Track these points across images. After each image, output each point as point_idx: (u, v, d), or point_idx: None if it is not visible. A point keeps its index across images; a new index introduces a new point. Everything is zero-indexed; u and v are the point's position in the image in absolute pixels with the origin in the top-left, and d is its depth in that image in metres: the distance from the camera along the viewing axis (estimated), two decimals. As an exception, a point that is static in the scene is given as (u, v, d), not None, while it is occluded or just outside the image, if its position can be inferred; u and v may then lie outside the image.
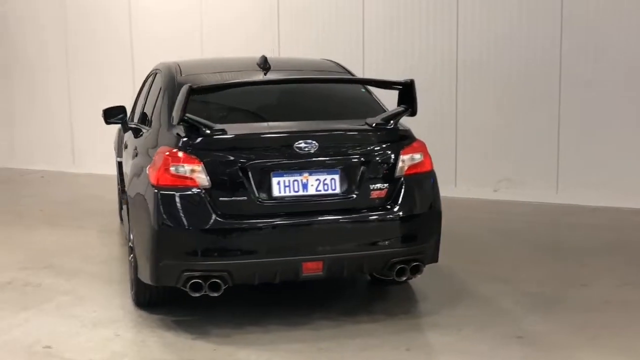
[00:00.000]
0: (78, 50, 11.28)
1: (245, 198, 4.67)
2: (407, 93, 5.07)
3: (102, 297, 5.61)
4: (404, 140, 5.01)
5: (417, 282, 5.74)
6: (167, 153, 4.70)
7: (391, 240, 4.89)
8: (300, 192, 4.76)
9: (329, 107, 5.50)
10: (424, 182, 5.05)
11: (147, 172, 4.83)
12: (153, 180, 4.71)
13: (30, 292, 5.82)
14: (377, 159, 4.90)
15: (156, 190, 4.68)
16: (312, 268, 4.74)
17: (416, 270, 4.98)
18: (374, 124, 4.98)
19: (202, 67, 5.89)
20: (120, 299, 5.51)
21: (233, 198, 4.67)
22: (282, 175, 4.73)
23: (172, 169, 4.65)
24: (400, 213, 4.88)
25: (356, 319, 5.07)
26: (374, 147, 4.91)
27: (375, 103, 5.43)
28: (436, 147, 8.93)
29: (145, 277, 4.83)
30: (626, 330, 4.84)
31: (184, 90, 4.67)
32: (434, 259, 5.17)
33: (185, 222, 4.62)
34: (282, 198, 4.73)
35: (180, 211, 4.63)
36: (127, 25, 10.86)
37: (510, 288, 5.68)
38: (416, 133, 5.13)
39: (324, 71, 5.85)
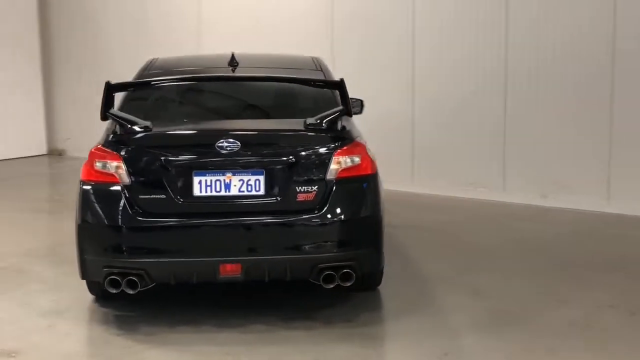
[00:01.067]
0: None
1: (164, 196, 4.64)
2: (341, 93, 4.85)
3: (73, 288, 5.70)
4: (338, 141, 4.79)
5: (386, 289, 5.52)
6: (94, 149, 4.75)
7: (317, 245, 4.71)
8: (222, 193, 4.67)
9: (273, 106, 5.37)
10: (359, 186, 4.82)
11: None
12: (81, 176, 4.78)
13: (13, 278, 6.03)
14: (307, 160, 4.72)
15: (81, 186, 4.74)
16: (229, 270, 4.64)
17: (347, 278, 4.75)
18: (306, 124, 4.80)
19: (175, 63, 5.90)
20: (86, 291, 5.60)
21: (153, 196, 4.65)
22: (203, 175, 4.66)
23: (96, 165, 4.70)
24: (328, 217, 4.68)
25: (291, 325, 4.91)
26: (303, 148, 4.74)
27: (334, 103, 5.22)
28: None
29: (78, 272, 4.90)
30: (569, 356, 4.41)
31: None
32: (374, 267, 4.93)
33: (105, 219, 4.66)
34: (203, 198, 4.66)
35: (101, 207, 4.67)
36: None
37: (479, 303, 5.32)
38: (465, 138, 4.87)
39: (292, 69, 5.69)
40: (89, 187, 4.71)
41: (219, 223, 4.63)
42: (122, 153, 4.66)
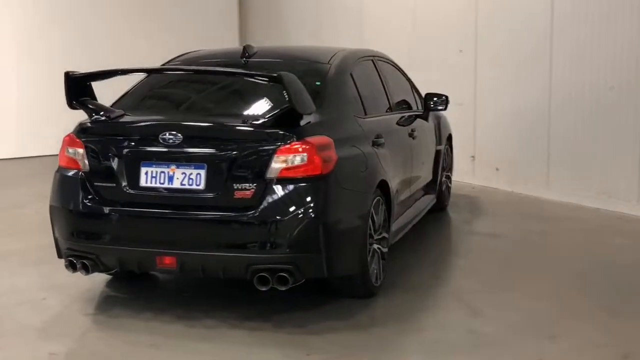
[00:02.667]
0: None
1: (115, 185, 4.78)
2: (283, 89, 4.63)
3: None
4: (282, 139, 4.58)
5: (381, 299, 5.22)
6: (66, 136, 5.02)
7: (253, 245, 4.56)
8: (166, 185, 4.70)
9: (236, 101, 5.24)
10: (303, 186, 4.57)
11: None
12: (58, 161, 5.09)
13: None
14: (248, 157, 4.59)
15: (56, 171, 5.04)
16: (166, 263, 4.67)
17: (282, 282, 4.55)
18: (251, 120, 4.67)
19: (196, 55, 5.99)
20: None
21: (105, 184, 4.81)
22: (150, 166, 4.73)
23: (66, 151, 4.97)
24: (265, 217, 4.52)
25: (241, 324, 4.79)
26: (245, 145, 4.60)
27: (322, 99, 5.02)
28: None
29: None
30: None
31: None
32: (317, 273, 4.66)
33: (65, 203, 4.91)
34: (148, 189, 4.72)
35: (65, 192, 4.93)
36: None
37: (467, 325, 4.81)
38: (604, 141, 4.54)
39: (295, 60, 5.54)
40: (60, 172, 4.99)
41: (158, 215, 4.67)
42: (84, 141, 4.87)
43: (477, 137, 9.30)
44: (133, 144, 4.77)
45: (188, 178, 4.65)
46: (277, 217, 4.51)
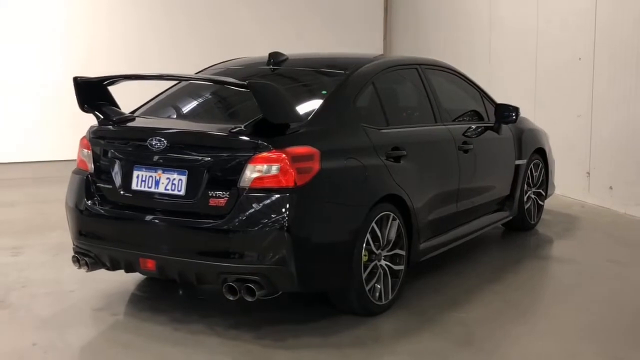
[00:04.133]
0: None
1: (111, 187, 4.95)
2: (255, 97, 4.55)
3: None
4: (256, 148, 4.51)
5: (384, 317, 5.03)
6: (81, 138, 5.28)
7: (222, 254, 4.54)
8: (152, 189, 4.80)
9: (229, 109, 5.21)
10: (273, 197, 4.47)
11: None
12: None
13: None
14: (223, 165, 4.57)
15: (72, 170, 5.32)
16: (147, 265, 4.77)
17: (249, 293, 4.50)
18: (229, 128, 4.65)
19: (235, 61, 6.04)
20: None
21: (104, 185, 4.99)
22: (141, 170, 4.85)
23: (81, 152, 5.22)
24: (233, 226, 4.49)
25: (229, 335, 4.78)
26: (221, 153, 4.59)
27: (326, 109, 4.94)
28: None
29: None
30: None
31: None
32: (287, 286, 4.56)
33: (74, 202, 5.15)
34: (137, 192, 4.85)
35: (74, 191, 5.18)
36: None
37: (438, 351, 4.53)
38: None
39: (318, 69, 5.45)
40: (74, 172, 5.25)
41: (142, 218, 4.77)
42: (92, 143, 5.09)
43: (592, 152, 8.59)
44: (128, 148, 4.91)
45: (171, 183, 4.71)
46: (246, 227, 4.46)
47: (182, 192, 4.67)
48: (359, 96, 5.20)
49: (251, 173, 4.47)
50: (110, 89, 5.22)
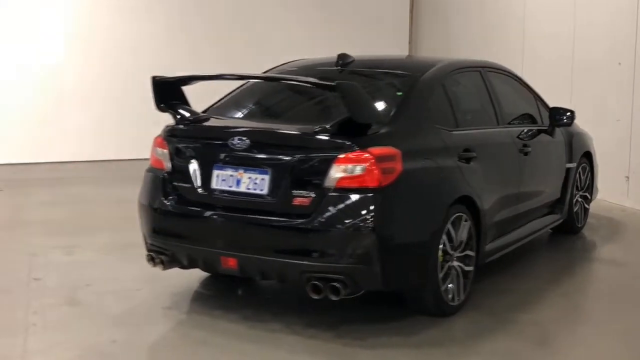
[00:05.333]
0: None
1: (190, 186, 4.97)
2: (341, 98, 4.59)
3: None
4: (342, 148, 4.55)
5: (457, 317, 5.06)
6: (156, 137, 5.30)
7: (307, 252, 4.57)
8: (233, 188, 4.82)
9: (309, 109, 5.24)
10: (359, 196, 4.51)
11: None
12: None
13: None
14: (308, 164, 4.61)
15: (146, 169, 5.34)
16: (229, 264, 4.80)
17: (335, 292, 4.53)
18: (314, 128, 4.68)
19: (300, 62, 6.07)
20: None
21: (182, 184, 5.02)
22: (221, 169, 4.87)
23: (155, 151, 5.24)
24: (321, 225, 4.52)
25: (296, 330, 4.82)
26: (306, 152, 4.63)
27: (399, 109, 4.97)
28: None
29: None
30: None
31: None
32: (372, 285, 4.59)
33: (149, 200, 5.17)
34: (217, 191, 4.87)
35: (149, 190, 5.21)
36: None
37: (516, 351, 4.57)
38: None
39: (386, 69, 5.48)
40: (149, 171, 5.27)
41: (225, 217, 4.79)
42: (169, 142, 5.11)
43: (632, 156, 8.64)
44: (208, 147, 4.94)
45: (253, 183, 4.74)
46: (332, 227, 4.49)
47: (265, 192, 4.69)
48: (432, 98, 5.25)
49: (337, 173, 4.51)
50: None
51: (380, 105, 5.05)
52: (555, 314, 5.25)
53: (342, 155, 4.51)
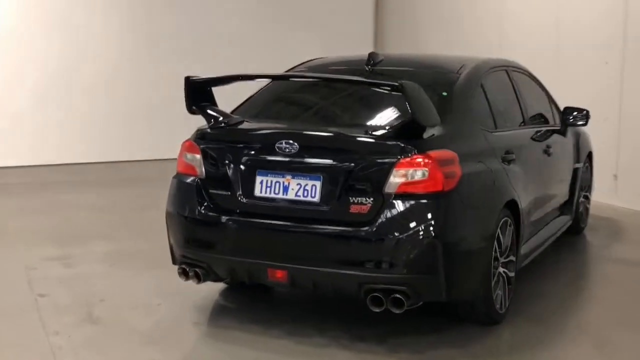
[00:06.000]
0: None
1: (229, 193, 4.65)
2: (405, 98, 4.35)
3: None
4: (402, 152, 4.31)
5: (505, 326, 4.88)
6: (185, 141, 4.95)
7: (366, 263, 4.31)
8: (280, 195, 4.53)
9: (355, 110, 5.01)
10: (422, 203, 4.28)
11: None
12: (177, 166, 5.02)
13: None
14: (365, 170, 4.35)
15: (173, 176, 4.98)
16: (277, 276, 4.50)
17: (397, 304, 4.28)
18: (370, 131, 4.42)
19: (321, 62, 5.81)
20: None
21: (220, 192, 4.69)
22: (266, 175, 4.57)
23: (185, 157, 4.89)
24: (381, 234, 4.27)
25: (349, 345, 4.57)
26: (363, 157, 4.37)
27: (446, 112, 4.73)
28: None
29: None
30: None
31: None
32: (435, 296, 4.37)
33: (181, 209, 4.82)
34: (262, 198, 4.57)
35: (180, 198, 4.85)
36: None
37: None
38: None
39: (422, 69, 5.25)
40: (177, 178, 4.92)
41: (271, 226, 4.50)
42: (202, 147, 4.77)
43: (620, 155, 8.66)
44: (249, 151, 4.63)
45: (303, 189, 4.46)
46: (394, 235, 4.25)
47: (317, 199, 4.42)
48: (474, 98, 5.07)
49: (398, 178, 4.27)
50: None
51: None
52: (601, 317, 5.13)
53: (403, 160, 4.27)
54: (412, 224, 4.25)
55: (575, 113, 6.50)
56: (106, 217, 7.87)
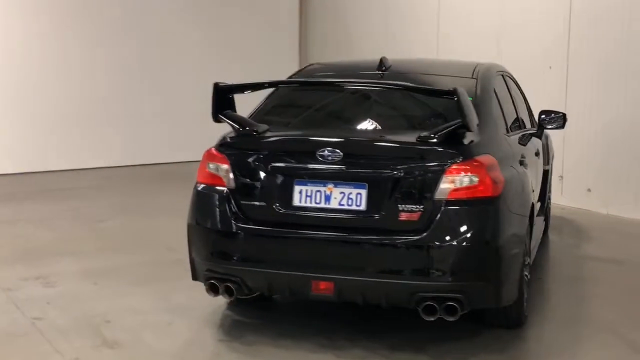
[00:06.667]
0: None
1: (264, 204, 4.46)
2: (456, 104, 4.31)
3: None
4: (451, 158, 4.26)
5: (531, 330, 4.90)
6: (207, 151, 4.72)
7: (418, 271, 4.23)
8: (322, 205, 4.38)
9: (392, 116, 4.94)
10: (474, 209, 4.25)
11: None
12: (197, 177, 4.77)
13: (175, 271, 6.05)
14: (414, 176, 4.27)
15: (195, 187, 4.73)
16: (322, 288, 4.35)
17: (451, 312, 4.22)
18: (417, 137, 4.35)
19: (326, 68, 5.69)
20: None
21: (254, 202, 4.49)
22: (305, 184, 4.41)
23: (209, 166, 4.66)
24: (434, 241, 4.20)
25: (394, 356, 4.49)
26: (411, 163, 4.29)
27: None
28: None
29: None
30: None
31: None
32: (489, 303, 4.35)
33: (208, 222, 4.60)
34: (301, 208, 4.41)
35: (206, 210, 4.62)
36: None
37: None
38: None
39: (437, 75, 5.22)
40: (200, 189, 4.68)
41: (314, 236, 4.35)
42: (230, 156, 4.56)
43: (565, 156, 8.97)
44: (286, 160, 4.46)
45: (347, 198, 4.33)
46: (448, 242, 4.20)
47: (363, 207, 4.31)
48: (493, 102, 5.09)
49: (448, 184, 4.23)
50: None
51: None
52: (621, 315, 5.25)
53: (452, 166, 4.23)
54: (465, 230, 4.22)
55: (552, 115, 6.64)
56: (55, 231, 7.45)
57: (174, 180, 10.13)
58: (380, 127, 4.81)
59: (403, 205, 4.25)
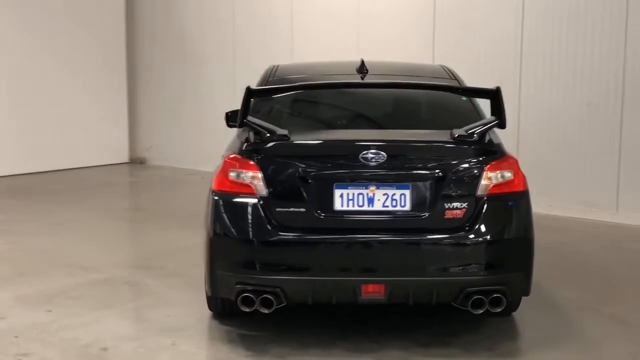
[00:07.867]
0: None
1: (303, 210, 4.33)
2: (494, 103, 4.49)
3: (184, 302, 5.40)
4: (489, 155, 4.44)
5: (522, 315, 5.11)
6: (228, 158, 4.47)
7: (466, 267, 4.35)
8: (365, 207, 4.34)
9: (415, 116, 5.05)
10: (511, 203, 4.44)
11: (213, 177, 4.64)
12: (213, 186, 4.51)
13: (122, 291, 5.79)
14: (456, 174, 4.37)
15: (214, 196, 4.46)
16: (372, 291, 4.32)
17: (497, 304, 4.37)
18: (455, 136, 4.45)
19: (300, 70, 5.60)
20: (201, 306, 5.22)
21: (291, 209, 4.34)
22: (345, 188, 4.34)
23: (231, 174, 4.42)
24: (479, 237, 4.33)
25: (429, 352, 4.55)
26: (452, 162, 4.39)
27: (474, 113, 4.88)
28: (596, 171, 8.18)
29: (205, 286, 4.62)
30: None
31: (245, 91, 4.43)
32: (523, 292, 4.56)
33: (239, 232, 4.37)
34: (344, 212, 4.33)
35: (235, 220, 4.39)
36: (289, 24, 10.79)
37: (633, 336, 4.87)
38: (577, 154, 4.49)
39: (422, 77, 5.34)
40: (222, 198, 4.43)
41: (361, 240, 4.31)
42: (259, 162, 4.36)
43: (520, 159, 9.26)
44: (325, 164, 4.37)
45: (391, 199, 4.34)
46: (492, 237, 4.36)
47: (408, 207, 4.35)
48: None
49: (489, 181, 4.39)
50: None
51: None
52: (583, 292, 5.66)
53: (491, 163, 4.40)
54: (507, 224, 4.42)
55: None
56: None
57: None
58: (411, 128, 4.84)
59: (448, 204, 4.33)
